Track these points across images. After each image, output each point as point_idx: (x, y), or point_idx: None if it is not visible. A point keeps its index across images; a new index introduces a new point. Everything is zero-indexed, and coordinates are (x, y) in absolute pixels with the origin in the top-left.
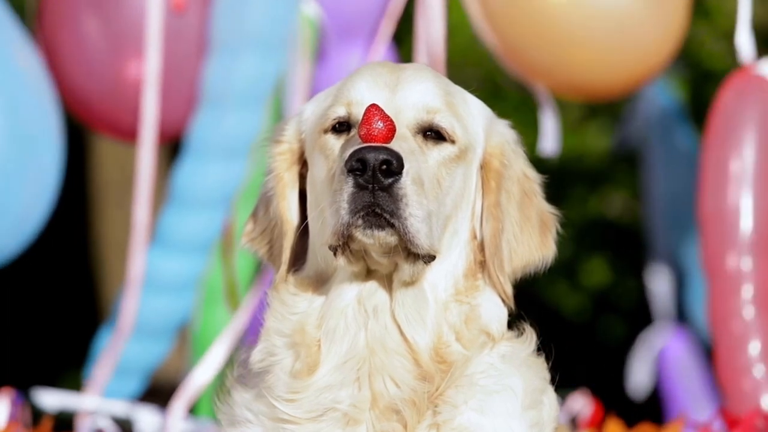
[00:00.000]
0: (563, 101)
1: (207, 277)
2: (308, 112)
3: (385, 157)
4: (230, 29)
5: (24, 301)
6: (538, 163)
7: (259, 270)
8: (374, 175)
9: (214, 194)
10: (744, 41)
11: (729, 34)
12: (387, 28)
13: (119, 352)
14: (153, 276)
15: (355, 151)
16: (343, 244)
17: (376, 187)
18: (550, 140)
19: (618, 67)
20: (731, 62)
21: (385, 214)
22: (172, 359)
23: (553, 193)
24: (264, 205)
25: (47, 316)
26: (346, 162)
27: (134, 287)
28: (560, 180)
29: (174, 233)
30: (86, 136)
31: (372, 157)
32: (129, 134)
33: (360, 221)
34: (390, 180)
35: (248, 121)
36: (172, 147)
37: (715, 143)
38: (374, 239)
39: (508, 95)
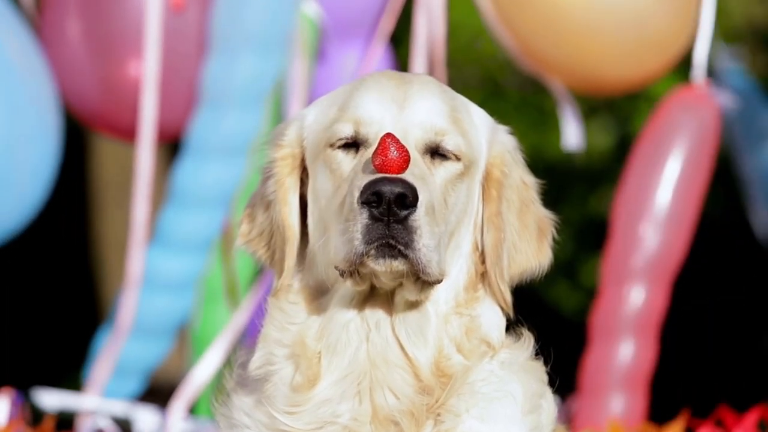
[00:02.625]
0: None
1: (207, 277)
2: (311, 119)
3: (401, 191)
4: (229, 29)
5: (24, 301)
6: (537, 164)
7: (259, 270)
8: (390, 209)
9: (214, 193)
10: (701, 56)
11: (730, 34)
12: (385, 27)
13: (118, 352)
14: (153, 275)
15: (371, 183)
16: (353, 270)
17: (392, 220)
18: (572, 136)
19: (631, 62)
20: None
21: (399, 246)
22: (172, 359)
23: (554, 193)
24: (263, 207)
25: (47, 316)
26: (362, 193)
27: (133, 286)
28: (560, 179)
29: (174, 232)
30: (86, 136)
31: (388, 191)
32: (128, 134)
33: (373, 251)
34: (405, 213)
35: (248, 121)
36: (171, 147)
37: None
38: (386, 267)
39: (508, 95)
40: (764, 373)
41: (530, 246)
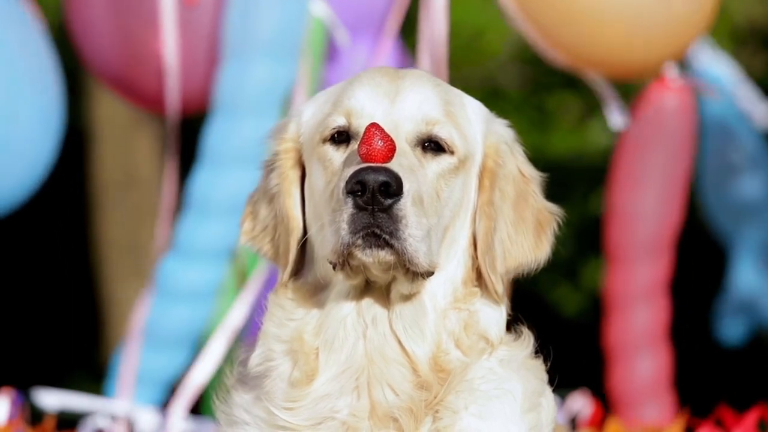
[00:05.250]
0: (564, 102)
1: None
2: (307, 115)
3: (384, 179)
4: (242, 36)
5: (24, 301)
6: (537, 164)
7: (247, 271)
8: (374, 197)
9: (231, 202)
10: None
11: (730, 34)
12: (393, 24)
13: (138, 364)
14: (171, 285)
15: (355, 173)
16: (343, 261)
17: (376, 209)
18: (614, 115)
19: (653, 45)
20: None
21: (384, 235)
22: None
23: (554, 193)
24: (266, 201)
25: (48, 316)
26: (346, 183)
27: (153, 295)
28: (560, 179)
29: (192, 242)
30: (87, 137)
31: (372, 179)
32: (151, 102)
33: (360, 241)
34: (389, 201)
35: (263, 128)
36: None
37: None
38: (373, 258)
39: (508, 95)
40: (764, 373)
41: (527, 239)
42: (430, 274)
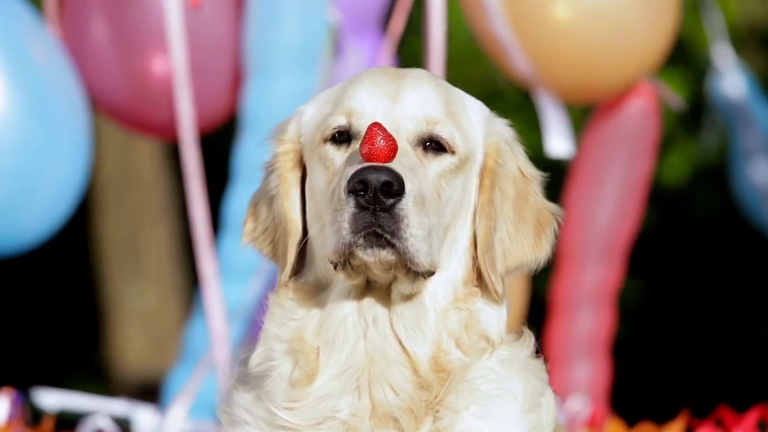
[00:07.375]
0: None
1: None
2: (308, 115)
3: (386, 178)
4: (265, 51)
5: (24, 301)
6: (536, 164)
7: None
8: (375, 197)
9: None
10: None
11: (730, 34)
12: (396, 26)
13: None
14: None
15: (357, 172)
16: (344, 260)
17: (378, 208)
18: (556, 141)
19: (612, 68)
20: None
21: (386, 235)
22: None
23: (553, 193)
24: (266, 204)
25: (48, 316)
26: (348, 182)
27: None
28: (560, 179)
29: (232, 262)
30: None
31: (374, 179)
32: (160, 131)
33: (361, 240)
34: (391, 201)
35: None
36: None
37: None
38: (375, 257)
39: (508, 95)
40: (764, 373)
41: (527, 239)
42: (431, 273)
